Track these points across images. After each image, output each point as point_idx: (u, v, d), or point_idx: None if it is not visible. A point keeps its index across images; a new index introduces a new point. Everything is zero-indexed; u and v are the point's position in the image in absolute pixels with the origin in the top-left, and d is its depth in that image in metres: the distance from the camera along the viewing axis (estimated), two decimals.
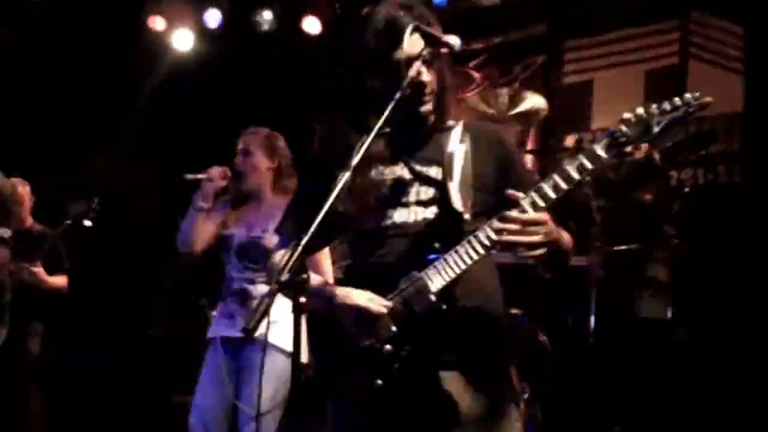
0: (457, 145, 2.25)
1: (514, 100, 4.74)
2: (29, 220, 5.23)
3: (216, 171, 3.78)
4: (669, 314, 4.51)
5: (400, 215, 2.22)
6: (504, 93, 4.76)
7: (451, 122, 2.31)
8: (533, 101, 4.81)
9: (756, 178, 4.77)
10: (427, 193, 2.22)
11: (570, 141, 5.40)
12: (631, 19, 5.57)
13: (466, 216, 2.13)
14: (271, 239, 3.62)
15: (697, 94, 2.01)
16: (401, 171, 2.26)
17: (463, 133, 2.27)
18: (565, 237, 2.15)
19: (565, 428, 4.25)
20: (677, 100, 2.01)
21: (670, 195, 4.61)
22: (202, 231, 3.79)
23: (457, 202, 2.15)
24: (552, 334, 4.40)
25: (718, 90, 5.05)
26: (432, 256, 2.11)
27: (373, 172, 2.26)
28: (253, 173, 3.81)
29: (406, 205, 2.22)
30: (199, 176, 3.79)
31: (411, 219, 2.21)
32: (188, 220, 3.79)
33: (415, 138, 2.30)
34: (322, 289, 2.21)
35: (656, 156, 4.29)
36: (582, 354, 4.47)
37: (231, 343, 3.66)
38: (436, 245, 2.12)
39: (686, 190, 4.55)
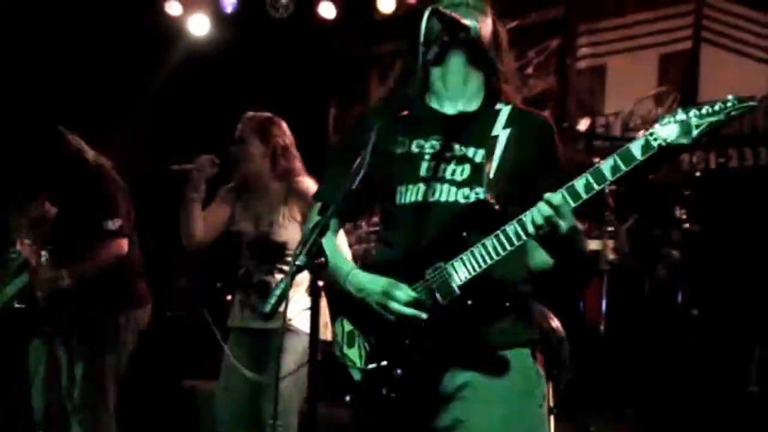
0: (501, 129, 2.22)
1: (525, 85, 4.75)
2: (47, 204, 5.25)
3: (203, 159, 3.71)
4: (680, 297, 4.55)
5: (432, 192, 2.19)
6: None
7: (499, 105, 2.28)
8: (544, 85, 4.83)
9: None
10: (463, 173, 2.19)
11: (583, 125, 5.41)
12: (644, 3, 5.57)
13: (497, 206, 2.10)
14: (279, 232, 3.68)
15: (739, 96, 1.90)
16: (440, 147, 2.23)
17: (509, 118, 2.24)
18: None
19: (577, 410, 4.28)
20: (719, 103, 1.90)
21: (682, 179, 4.63)
22: (201, 221, 3.74)
23: (491, 188, 2.13)
24: (564, 317, 4.44)
25: (730, 75, 5.11)
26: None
27: (413, 145, 2.25)
28: (248, 160, 3.76)
29: (441, 181, 2.19)
30: (186, 166, 3.72)
31: (443, 199, 2.18)
32: (184, 213, 3.73)
33: (461, 116, 2.27)
34: (343, 269, 2.21)
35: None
36: (594, 336, 4.52)
37: (254, 333, 3.68)
38: (464, 234, 2.10)
39: (698, 173, 4.57)
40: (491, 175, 2.15)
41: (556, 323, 4.37)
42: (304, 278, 1.90)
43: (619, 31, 5.73)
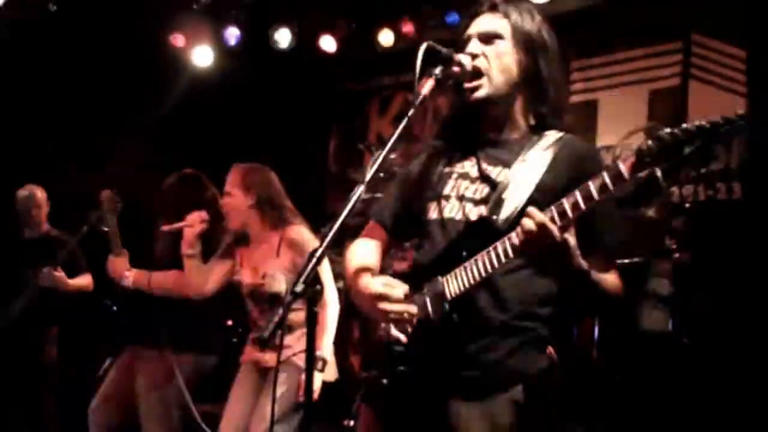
0: (538, 153, 2.16)
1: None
2: (45, 226, 5.34)
3: (193, 217, 3.84)
4: (670, 326, 4.62)
5: (451, 210, 2.20)
6: None
7: (549, 132, 2.21)
8: None
9: (758, 195, 4.89)
10: (483, 192, 2.17)
11: None
12: (634, 41, 5.68)
13: (498, 224, 2.07)
14: (272, 284, 3.70)
15: (741, 111, 1.79)
16: (471, 167, 2.23)
17: (551, 144, 2.17)
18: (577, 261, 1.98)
19: None
20: (718, 118, 1.78)
21: (672, 210, 4.70)
22: (201, 274, 3.86)
23: (505, 210, 2.09)
24: (557, 345, 4.48)
25: (717, 110, 5.19)
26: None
27: (448, 165, 2.26)
28: (234, 214, 3.84)
29: (462, 199, 2.19)
30: (177, 225, 3.86)
31: (458, 216, 2.18)
32: (185, 269, 3.86)
33: (500, 140, 2.25)
34: (353, 277, 2.27)
35: (659, 173, 4.39)
36: (586, 364, 4.58)
37: (260, 370, 3.79)
38: (463, 250, 2.08)
39: (687, 205, 4.64)
40: (507, 195, 2.11)
41: (549, 350, 4.43)
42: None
43: (610, 67, 5.83)
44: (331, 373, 3.76)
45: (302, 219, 3.85)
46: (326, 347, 3.62)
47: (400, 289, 2.12)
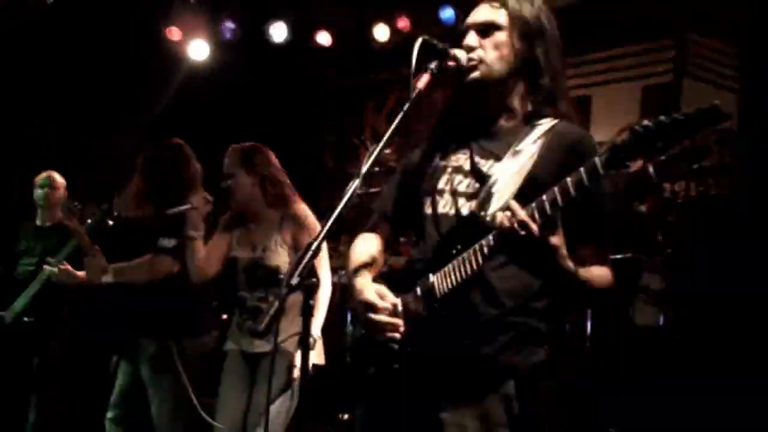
0: (530, 143, 2.13)
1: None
2: (60, 214, 5.19)
3: (197, 199, 3.85)
4: (662, 321, 4.66)
5: (444, 205, 2.18)
6: None
7: (543, 120, 2.18)
8: None
9: (750, 190, 4.93)
10: (474, 186, 2.15)
11: None
12: (628, 38, 5.72)
13: (487, 219, 2.04)
14: (271, 257, 3.76)
15: (717, 102, 1.73)
16: (464, 161, 2.21)
17: (544, 134, 2.13)
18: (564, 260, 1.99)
19: (562, 430, 4.35)
20: (691, 111, 1.73)
21: (664, 206, 4.74)
22: (206, 256, 3.88)
23: (493, 205, 2.07)
24: (551, 340, 4.50)
25: None
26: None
27: (442, 159, 2.24)
28: (237, 193, 3.86)
29: (454, 194, 2.17)
30: (181, 208, 3.86)
31: (451, 212, 2.16)
32: (188, 252, 3.87)
33: (494, 130, 2.22)
34: (352, 275, 2.27)
35: (651, 169, 4.42)
36: (579, 358, 4.62)
37: (249, 357, 3.80)
38: (454, 246, 2.08)
39: (679, 201, 4.68)
40: (496, 189, 2.09)
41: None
42: (297, 300, 1.98)
43: (603, 63, 5.87)
44: (320, 357, 3.80)
45: (300, 196, 3.91)
46: (315, 328, 3.66)
47: (389, 301, 2.14)
